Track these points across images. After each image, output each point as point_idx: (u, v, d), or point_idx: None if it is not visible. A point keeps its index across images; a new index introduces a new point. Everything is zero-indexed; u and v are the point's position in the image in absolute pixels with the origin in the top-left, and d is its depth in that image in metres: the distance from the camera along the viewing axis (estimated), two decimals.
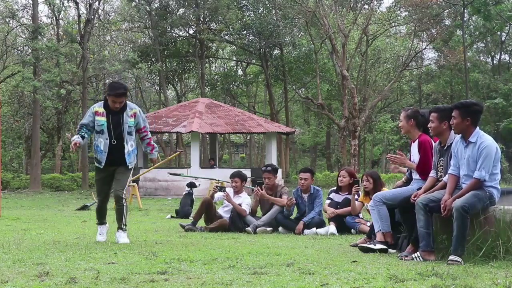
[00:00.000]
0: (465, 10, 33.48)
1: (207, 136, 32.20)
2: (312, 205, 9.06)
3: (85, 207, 15.25)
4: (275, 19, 35.01)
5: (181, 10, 37.22)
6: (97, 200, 7.70)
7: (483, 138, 5.81)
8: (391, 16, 37.31)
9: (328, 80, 39.61)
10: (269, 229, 8.90)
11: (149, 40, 38.61)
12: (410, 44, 36.59)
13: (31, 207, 16.71)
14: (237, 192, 9.44)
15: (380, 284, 4.48)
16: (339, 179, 9.14)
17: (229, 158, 52.00)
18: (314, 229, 8.79)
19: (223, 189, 9.43)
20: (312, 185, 9.23)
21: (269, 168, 9.41)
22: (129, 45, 39.87)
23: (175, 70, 39.98)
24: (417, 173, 6.58)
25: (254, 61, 40.66)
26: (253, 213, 9.35)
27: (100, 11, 34.98)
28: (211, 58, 42.49)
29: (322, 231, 8.69)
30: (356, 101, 32.39)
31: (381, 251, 6.36)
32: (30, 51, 31.87)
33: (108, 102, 7.34)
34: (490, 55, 45.45)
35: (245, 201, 9.30)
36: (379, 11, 40.07)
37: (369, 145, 47.88)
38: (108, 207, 7.78)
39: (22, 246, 6.87)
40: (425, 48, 41.34)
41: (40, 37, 29.93)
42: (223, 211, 9.40)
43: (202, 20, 36.68)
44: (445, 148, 6.19)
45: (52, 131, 36.54)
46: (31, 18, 31.70)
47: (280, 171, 23.65)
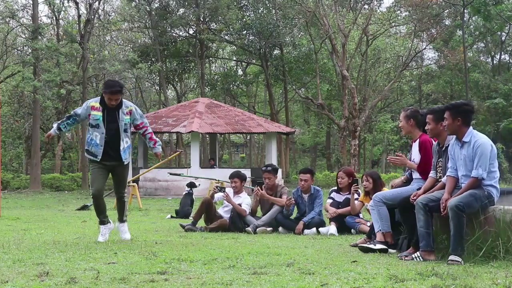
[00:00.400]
0: (465, 10, 33.48)
1: (207, 136, 32.21)
2: (312, 205, 9.06)
3: (85, 207, 15.24)
4: (275, 19, 35.01)
5: (181, 10, 37.23)
6: (91, 193, 7.58)
7: (476, 137, 5.83)
8: (391, 16, 37.31)
9: (328, 80, 39.62)
10: (269, 229, 8.90)
11: (149, 40, 38.61)
12: (410, 44, 36.60)
13: (31, 207, 16.71)
14: (237, 192, 9.44)
15: (380, 284, 4.48)
16: (338, 181, 9.15)
17: (229, 158, 52.01)
18: (314, 229, 8.80)
19: (223, 189, 9.43)
20: (312, 185, 9.24)
21: (269, 168, 9.41)
22: (129, 45, 39.89)
23: (175, 70, 39.99)
24: (418, 173, 6.59)
25: (254, 61, 40.67)
26: (253, 213, 9.35)
27: (100, 11, 35.02)
28: (211, 58, 42.50)
29: (323, 230, 8.70)
30: (356, 101, 32.39)
31: (381, 251, 6.36)
32: (30, 51, 31.87)
33: (104, 99, 7.47)
34: (490, 55, 45.46)
35: (245, 201, 9.30)
36: (379, 11, 40.11)
37: (369, 145, 47.89)
38: (108, 207, 7.81)
39: (22, 246, 6.87)
40: (425, 48, 41.37)
41: (40, 37, 29.93)
42: (223, 211, 9.40)
43: (202, 20, 36.69)
44: (444, 149, 6.21)
45: None
46: (31, 18, 31.70)
47: (280, 171, 23.65)
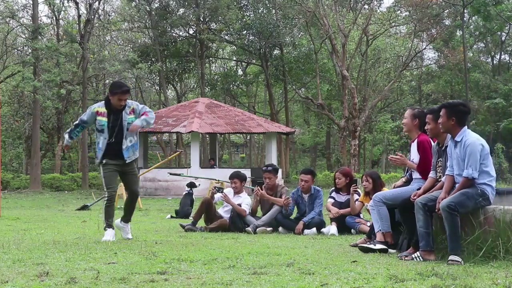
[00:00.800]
0: (465, 10, 33.49)
1: (207, 136, 32.21)
2: (312, 205, 9.05)
3: (85, 207, 15.24)
4: (275, 19, 35.02)
5: (181, 10, 37.23)
6: (106, 195, 7.60)
7: (467, 136, 5.84)
8: (391, 16, 37.32)
9: (328, 80, 39.63)
10: (269, 229, 8.90)
11: (149, 40, 38.61)
12: (410, 44, 36.61)
13: (31, 207, 16.71)
14: (237, 192, 9.45)
15: (380, 284, 4.48)
16: (336, 181, 9.14)
17: (229, 158, 52.01)
18: (314, 229, 8.79)
19: (221, 190, 9.44)
20: (312, 185, 9.23)
21: (270, 168, 9.40)
22: (129, 45, 39.89)
23: (175, 70, 40.00)
24: (417, 173, 6.59)
25: (254, 61, 40.68)
26: (253, 213, 9.35)
27: (100, 11, 35.01)
28: (211, 58, 42.50)
29: (324, 230, 8.70)
30: (356, 101, 32.40)
31: (381, 251, 6.36)
32: (30, 51, 31.87)
33: (110, 101, 7.53)
34: (490, 55, 45.46)
35: (245, 201, 9.30)
36: (379, 11, 40.13)
37: (369, 145, 47.89)
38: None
39: (22, 246, 6.87)
40: (425, 48, 41.38)
41: (40, 37, 29.93)
42: (223, 211, 9.40)
43: (202, 20, 36.69)
44: (443, 149, 6.21)
45: (52, 131, 36.54)
46: (31, 18, 31.70)
47: (280, 171, 23.66)
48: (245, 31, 37.18)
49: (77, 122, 7.75)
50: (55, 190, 28.74)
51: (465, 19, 37.53)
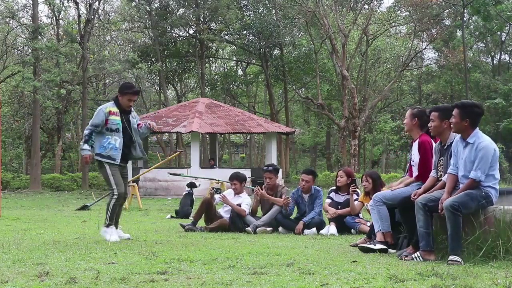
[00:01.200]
0: (465, 10, 33.48)
1: (207, 136, 32.21)
2: (312, 206, 9.05)
3: (85, 207, 15.23)
4: (275, 19, 35.02)
5: (181, 10, 37.22)
6: (117, 193, 7.57)
7: (481, 139, 5.80)
8: (391, 16, 37.31)
9: (328, 80, 39.62)
10: (269, 229, 8.90)
11: (149, 40, 38.61)
12: (410, 44, 36.60)
13: (31, 207, 16.70)
14: (237, 193, 9.46)
15: (380, 284, 4.48)
16: (337, 179, 9.15)
17: (229, 158, 52.00)
18: (314, 229, 8.79)
19: (219, 190, 9.45)
20: (312, 185, 9.23)
21: (270, 168, 9.41)
22: (129, 45, 39.88)
23: (175, 70, 39.99)
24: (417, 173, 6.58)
25: (254, 61, 40.67)
26: (253, 213, 9.35)
27: (100, 11, 35.01)
28: (211, 58, 42.49)
29: (324, 231, 8.70)
30: (356, 101, 32.40)
31: (381, 251, 6.36)
32: (30, 51, 31.86)
33: (120, 102, 7.65)
34: (490, 55, 45.47)
35: (244, 201, 9.30)
36: (379, 11, 40.13)
37: (369, 145, 47.88)
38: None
39: (22, 246, 6.87)
40: (425, 48, 41.37)
41: (40, 37, 29.91)
42: (224, 211, 9.40)
43: (202, 20, 36.68)
44: (446, 148, 6.18)
45: (52, 131, 36.53)
46: (31, 18, 31.69)
47: (280, 171, 23.65)
48: (245, 31, 37.18)
49: (90, 129, 7.61)
50: (55, 190, 28.73)
51: (465, 19, 37.52)
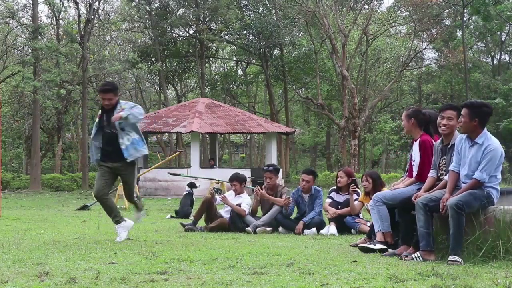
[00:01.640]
0: (465, 10, 33.48)
1: (207, 136, 32.20)
2: (312, 205, 9.05)
3: (85, 207, 15.23)
4: (275, 19, 35.01)
5: (181, 10, 37.22)
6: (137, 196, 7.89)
7: (490, 140, 5.76)
8: (391, 16, 37.31)
9: (328, 80, 39.62)
10: (269, 229, 8.90)
11: (149, 40, 38.61)
12: (410, 44, 36.60)
13: (31, 207, 16.70)
14: (237, 193, 9.47)
15: (380, 284, 4.48)
16: (337, 180, 9.15)
17: (229, 158, 52.00)
18: (314, 229, 8.79)
19: (219, 191, 9.46)
20: (313, 185, 9.23)
21: (271, 167, 9.41)
22: (129, 45, 39.88)
23: (175, 70, 39.98)
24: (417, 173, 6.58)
25: (254, 61, 40.67)
26: (253, 213, 9.36)
27: (100, 11, 34.99)
28: (211, 58, 42.49)
29: (324, 231, 8.70)
30: (356, 101, 32.40)
31: (381, 251, 6.35)
32: (30, 51, 31.86)
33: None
34: (490, 55, 45.46)
35: (244, 201, 9.31)
36: (379, 11, 40.12)
37: (369, 145, 47.88)
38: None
39: (22, 246, 6.87)
40: (425, 48, 41.36)
41: (40, 37, 29.91)
42: (224, 211, 9.41)
43: (202, 20, 36.68)
44: (449, 147, 6.16)
45: (52, 131, 36.53)
46: (31, 18, 31.68)
47: (280, 171, 23.66)
48: (245, 31, 37.18)
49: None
50: (55, 190, 28.74)
51: (465, 19, 37.53)
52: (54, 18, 35.32)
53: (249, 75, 44.13)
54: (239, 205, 9.19)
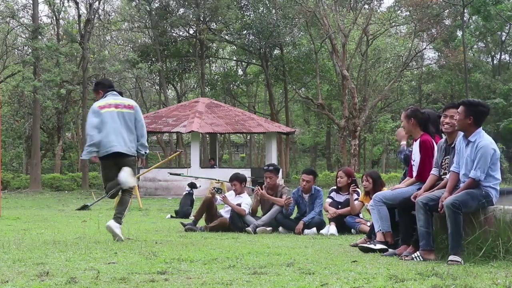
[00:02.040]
0: (465, 10, 33.48)
1: (207, 136, 32.20)
2: (312, 205, 9.04)
3: (85, 207, 15.23)
4: (275, 19, 35.01)
5: (181, 10, 37.23)
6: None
7: (481, 138, 5.79)
8: (391, 16, 37.31)
9: (328, 80, 39.61)
10: (269, 229, 8.90)
11: (149, 40, 38.61)
12: (410, 44, 36.59)
13: (31, 207, 16.70)
14: (238, 193, 9.47)
15: (380, 284, 4.48)
16: (337, 180, 9.15)
17: (229, 158, 51.98)
18: (314, 229, 8.79)
19: (220, 190, 9.46)
20: (313, 185, 9.23)
21: (271, 167, 9.41)
22: (129, 45, 39.89)
23: (175, 70, 39.97)
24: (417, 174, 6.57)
25: (254, 61, 40.66)
26: (253, 213, 9.36)
27: (100, 11, 34.99)
28: (211, 58, 42.49)
29: (324, 231, 8.70)
30: (356, 101, 32.39)
31: (381, 251, 6.35)
32: (30, 51, 31.87)
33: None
34: (490, 55, 45.46)
35: (244, 201, 9.31)
36: (379, 11, 40.10)
37: (369, 145, 47.88)
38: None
39: (22, 246, 6.87)
40: (425, 48, 41.36)
41: (40, 37, 29.93)
42: (224, 211, 9.41)
43: (202, 20, 36.68)
44: (452, 146, 6.16)
45: (52, 131, 36.54)
46: (31, 18, 31.70)
47: (280, 171, 23.67)
48: (245, 31, 37.18)
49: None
50: (55, 190, 28.74)
51: (465, 19, 37.52)
52: (54, 18, 35.34)
53: (249, 75, 44.13)
54: (239, 205, 9.19)
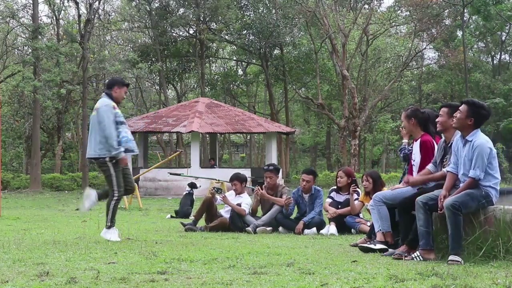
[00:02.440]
0: (465, 10, 33.47)
1: (207, 136, 32.20)
2: (312, 205, 9.05)
3: None
4: (275, 18, 35.00)
5: (181, 10, 37.22)
6: (118, 195, 7.50)
7: (477, 137, 5.80)
8: (391, 16, 37.31)
9: (328, 80, 39.61)
10: (269, 229, 8.90)
11: (149, 40, 38.61)
12: (410, 44, 36.59)
13: (31, 207, 16.71)
14: (238, 193, 9.47)
15: (380, 284, 4.48)
16: (337, 180, 9.15)
17: (229, 158, 51.98)
18: (314, 229, 8.79)
19: (220, 190, 9.46)
20: (313, 185, 9.23)
21: (271, 167, 9.41)
22: (129, 45, 39.88)
23: (175, 70, 39.97)
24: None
25: (254, 61, 40.66)
26: (253, 213, 9.36)
27: (100, 11, 34.98)
28: (211, 58, 42.48)
29: (324, 231, 8.70)
30: (356, 101, 32.39)
31: (381, 251, 6.35)
32: (30, 50, 31.87)
33: (115, 95, 7.68)
34: (490, 55, 45.45)
35: (244, 201, 9.31)
36: (379, 11, 40.10)
37: (369, 145, 47.87)
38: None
39: (22, 246, 6.87)
40: (425, 48, 41.35)
41: (40, 36, 29.91)
42: (224, 211, 9.41)
43: (202, 20, 36.67)
44: (450, 145, 6.17)
45: (52, 131, 36.53)
46: (31, 18, 31.69)
47: (280, 170, 23.66)
48: (245, 31, 37.18)
49: (114, 127, 7.48)
50: (55, 190, 28.74)
51: (465, 19, 37.51)
52: (54, 18, 35.34)
53: (249, 75, 44.12)
54: (239, 205, 9.19)
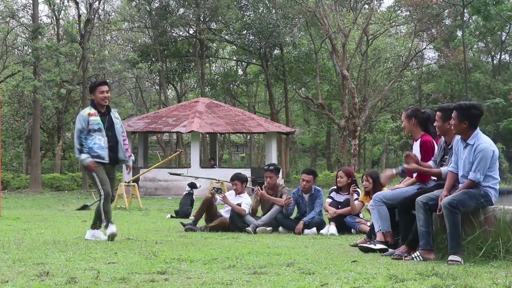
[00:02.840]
0: (465, 10, 33.47)
1: (207, 136, 32.20)
2: (312, 205, 9.04)
3: (85, 207, 15.23)
4: (275, 18, 35.00)
5: (181, 10, 37.22)
6: (103, 193, 7.56)
7: (480, 140, 5.79)
8: (391, 16, 37.31)
9: (328, 80, 39.61)
10: (269, 229, 8.90)
11: (149, 40, 38.61)
12: (410, 44, 36.59)
13: (31, 207, 16.71)
14: (238, 193, 9.47)
15: (380, 284, 4.48)
16: (337, 180, 9.15)
17: (229, 158, 51.97)
18: (314, 229, 8.79)
19: (220, 190, 9.46)
20: (313, 185, 9.23)
21: (271, 167, 9.41)
22: (129, 45, 39.89)
23: (175, 70, 39.97)
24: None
25: (254, 61, 40.66)
26: (253, 213, 9.36)
27: (100, 11, 35.02)
28: (211, 58, 42.48)
29: (324, 231, 8.70)
30: (356, 101, 32.39)
31: (381, 251, 6.35)
32: (30, 50, 31.88)
33: (95, 102, 7.71)
34: (490, 55, 45.45)
35: (244, 201, 9.31)
36: (379, 11, 40.10)
37: (369, 145, 47.87)
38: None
39: (22, 246, 6.87)
40: (425, 48, 41.35)
41: (40, 36, 29.92)
42: (224, 211, 9.41)
43: (202, 20, 36.67)
44: (450, 146, 6.17)
45: (52, 131, 36.54)
46: (31, 18, 31.70)
47: (280, 170, 23.66)
48: (245, 31, 37.18)
49: (78, 137, 7.62)
50: (55, 190, 28.74)
51: (465, 19, 37.50)
52: (54, 18, 35.34)
53: (249, 75, 44.12)
54: (239, 205, 9.19)
